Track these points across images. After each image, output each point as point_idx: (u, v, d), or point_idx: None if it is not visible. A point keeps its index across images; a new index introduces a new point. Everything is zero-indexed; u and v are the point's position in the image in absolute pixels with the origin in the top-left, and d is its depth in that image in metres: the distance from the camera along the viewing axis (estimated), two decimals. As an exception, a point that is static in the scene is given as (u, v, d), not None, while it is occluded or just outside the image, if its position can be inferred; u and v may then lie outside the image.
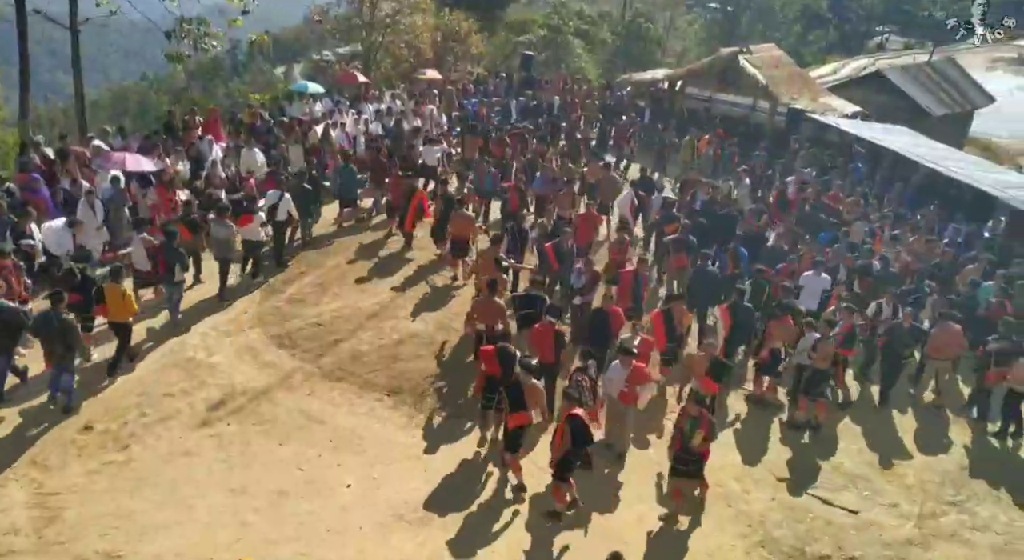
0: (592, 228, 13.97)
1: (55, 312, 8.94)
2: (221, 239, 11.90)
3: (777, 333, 10.86)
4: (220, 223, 11.83)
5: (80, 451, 8.77)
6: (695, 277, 12.20)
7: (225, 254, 12.07)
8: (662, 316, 10.71)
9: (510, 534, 8.20)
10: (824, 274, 12.25)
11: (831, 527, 8.81)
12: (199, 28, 17.04)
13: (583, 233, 13.42)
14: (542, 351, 9.69)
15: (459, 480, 8.96)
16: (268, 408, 9.89)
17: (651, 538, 8.40)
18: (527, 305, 10.64)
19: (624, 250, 12.77)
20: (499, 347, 9.14)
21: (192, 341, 11.12)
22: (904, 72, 29.29)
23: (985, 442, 10.82)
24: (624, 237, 12.97)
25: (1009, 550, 8.77)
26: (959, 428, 11.04)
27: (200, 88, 47.49)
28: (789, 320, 10.97)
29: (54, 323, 8.88)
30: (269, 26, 41.57)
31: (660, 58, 44.88)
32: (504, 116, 22.13)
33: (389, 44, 29.68)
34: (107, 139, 15.40)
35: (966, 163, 19.91)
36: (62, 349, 8.99)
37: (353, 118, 18.82)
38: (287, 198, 12.94)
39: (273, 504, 8.31)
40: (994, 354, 10.76)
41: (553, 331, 9.77)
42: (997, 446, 10.75)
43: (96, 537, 7.62)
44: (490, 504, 8.62)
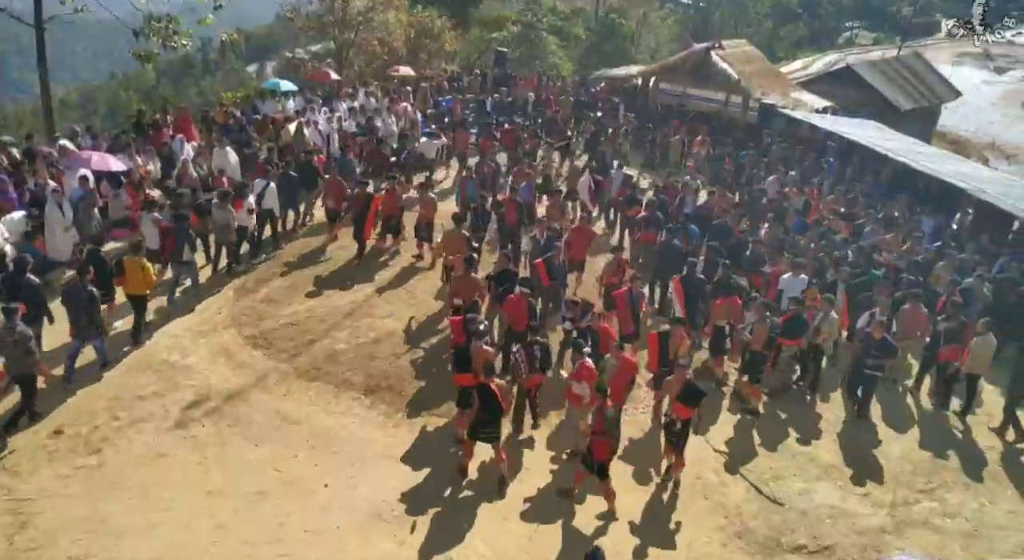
0: (586, 243, 13.07)
1: (82, 284, 9.52)
2: (221, 223, 12.49)
3: (720, 311, 11.25)
4: (222, 207, 12.43)
5: (51, 456, 8.63)
6: (661, 251, 13.16)
7: (226, 237, 12.73)
8: (657, 339, 10.09)
9: (488, 532, 8.20)
10: (803, 275, 12.16)
11: (806, 518, 8.92)
12: (168, 26, 16.78)
13: (577, 248, 12.76)
14: (516, 319, 10.34)
15: (438, 478, 8.95)
16: (244, 409, 9.80)
17: (630, 531, 8.44)
18: (502, 281, 11.22)
19: (620, 272, 11.75)
20: (465, 318, 9.76)
21: (165, 342, 10.99)
22: (873, 67, 29.75)
23: (956, 432, 11.01)
24: (619, 259, 12.03)
25: (978, 536, 8.95)
26: (931, 418, 11.22)
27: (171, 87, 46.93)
28: (735, 299, 11.28)
29: (82, 294, 9.48)
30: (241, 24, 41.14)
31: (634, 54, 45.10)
32: (478, 113, 22.09)
33: (362, 41, 29.51)
34: (75, 139, 15.17)
35: (934, 156, 20.24)
36: (86, 319, 9.57)
37: (327, 116, 18.70)
38: (272, 187, 13.62)
39: (251, 505, 8.24)
40: (943, 333, 11.18)
41: (526, 301, 10.34)
42: (968, 435, 10.95)
43: (69, 543, 7.50)
44: (469, 502, 8.62)
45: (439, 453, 9.40)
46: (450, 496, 8.68)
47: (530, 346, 9.46)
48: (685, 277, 11.56)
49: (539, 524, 8.37)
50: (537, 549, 8.04)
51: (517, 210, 13.50)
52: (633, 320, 10.82)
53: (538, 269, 11.69)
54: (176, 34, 16.94)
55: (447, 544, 7.95)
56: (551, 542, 8.14)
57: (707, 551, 8.32)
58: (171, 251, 11.46)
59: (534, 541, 8.14)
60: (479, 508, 8.53)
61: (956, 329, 11.16)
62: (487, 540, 8.07)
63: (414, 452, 9.39)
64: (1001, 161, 31.79)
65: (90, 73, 64.99)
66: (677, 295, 11.61)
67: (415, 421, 10.00)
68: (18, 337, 8.47)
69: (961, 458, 10.35)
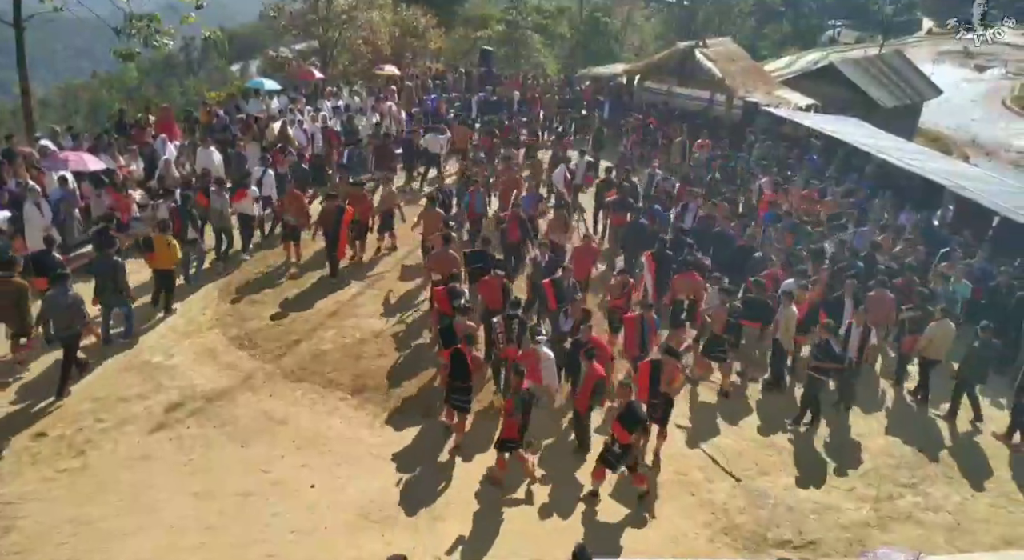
0: (590, 261, 12.77)
1: (106, 255, 10.37)
2: (217, 209, 13.09)
3: (680, 286, 11.94)
4: (219, 194, 13.08)
5: (34, 459, 8.55)
6: (630, 230, 13.94)
7: (221, 223, 13.27)
8: (648, 368, 9.26)
9: (476, 531, 8.20)
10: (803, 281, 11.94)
11: (792, 513, 8.99)
12: (149, 25, 16.62)
13: (580, 267, 12.40)
14: (490, 300, 10.89)
15: (425, 478, 8.94)
16: (229, 410, 9.75)
17: (616, 528, 8.47)
18: (477, 260, 11.77)
19: (627, 294, 11.36)
20: (448, 287, 10.62)
21: (149, 343, 10.92)
22: (856, 65, 29.92)
23: (939, 426, 11.12)
24: (625, 280, 11.41)
25: (961, 529, 9.04)
26: (913, 412, 11.33)
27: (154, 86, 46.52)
28: (695, 275, 11.89)
29: (108, 265, 10.28)
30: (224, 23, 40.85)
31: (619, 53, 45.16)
32: (464, 111, 22.07)
33: (346, 40, 29.40)
34: (56, 139, 15.02)
35: (916, 154, 20.42)
36: (112, 288, 10.31)
37: (311, 115, 18.62)
38: (271, 174, 14.25)
39: (237, 506, 8.20)
40: (908, 322, 11.47)
41: (501, 282, 10.95)
42: (950, 430, 11.06)
43: (54, 546, 7.44)
44: (456, 501, 8.62)
45: (426, 453, 9.39)
46: (437, 495, 8.67)
47: (510, 319, 10.08)
48: (656, 253, 12.34)
49: (525, 522, 8.39)
50: (523, 546, 8.05)
51: (520, 226, 13.05)
52: (641, 347, 10.27)
53: (545, 290, 11.09)
54: (158, 33, 16.77)
55: (435, 544, 7.95)
56: (538, 539, 8.15)
57: (694, 547, 8.36)
58: (176, 232, 11.95)
59: (521, 539, 8.15)
60: (467, 507, 8.53)
61: (920, 319, 11.44)
62: (474, 538, 8.07)
63: (401, 452, 9.37)
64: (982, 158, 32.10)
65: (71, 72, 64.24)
66: (649, 270, 12.30)
67: (402, 421, 9.98)
68: (71, 300, 9.39)
69: (944, 452, 10.45)
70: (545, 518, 8.48)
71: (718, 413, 10.78)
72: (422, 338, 11.69)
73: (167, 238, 11.28)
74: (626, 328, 10.53)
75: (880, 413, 11.20)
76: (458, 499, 8.64)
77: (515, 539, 8.14)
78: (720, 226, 14.04)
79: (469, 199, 14.18)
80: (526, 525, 8.36)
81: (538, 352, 9.43)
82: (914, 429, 10.88)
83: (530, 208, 14.11)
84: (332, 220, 12.73)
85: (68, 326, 9.42)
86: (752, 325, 11.61)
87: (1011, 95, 43.31)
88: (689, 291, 11.94)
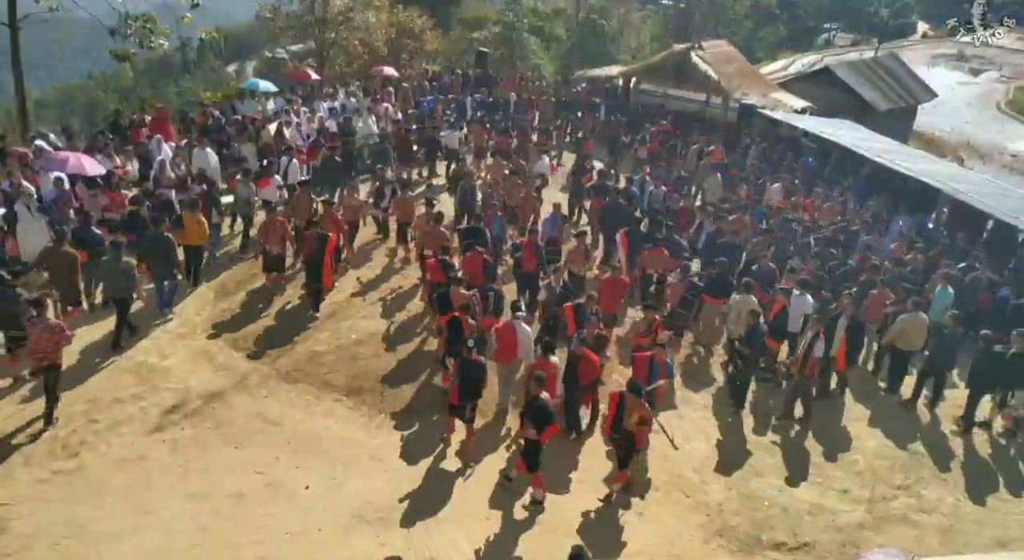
0: (619, 297, 11.82)
1: (159, 231, 11.32)
2: (243, 197, 13.82)
3: (649, 261, 12.82)
4: (245, 183, 13.80)
5: (27, 459, 8.53)
6: (607, 210, 14.57)
7: (246, 211, 13.89)
8: (617, 401, 8.66)
9: (471, 532, 8.20)
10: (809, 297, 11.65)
11: (787, 514, 9.01)
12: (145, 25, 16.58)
13: (608, 300, 11.38)
14: (472, 275, 11.31)
15: (420, 479, 8.93)
16: (224, 411, 9.74)
17: (612, 530, 8.48)
18: (469, 236, 12.31)
19: (651, 333, 10.34)
20: (440, 259, 11.33)
21: (143, 345, 10.89)
22: (851, 68, 30.02)
23: (933, 428, 11.15)
24: (650, 318, 10.58)
25: (955, 530, 9.08)
26: (908, 415, 11.35)
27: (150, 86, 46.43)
28: (663, 251, 12.73)
29: (161, 241, 11.22)
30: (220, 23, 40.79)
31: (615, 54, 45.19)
32: (460, 113, 22.08)
33: (343, 41, 29.38)
34: (51, 139, 14.98)
35: (911, 156, 20.49)
36: (164, 261, 11.31)
37: (307, 116, 18.60)
38: (295, 163, 15.02)
39: (232, 508, 8.19)
40: (891, 317, 11.72)
41: (482, 259, 11.43)
42: (943, 431, 11.09)
43: (46, 548, 7.42)
44: (451, 503, 8.61)
45: (422, 454, 9.39)
46: (433, 497, 8.66)
47: (485, 291, 10.67)
48: (629, 231, 13.21)
49: (521, 524, 8.39)
50: (519, 549, 8.05)
51: (536, 254, 12.06)
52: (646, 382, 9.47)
53: (565, 314, 10.56)
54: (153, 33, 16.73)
55: (430, 545, 7.95)
56: (534, 542, 8.15)
57: (688, 548, 8.38)
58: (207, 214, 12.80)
59: (516, 541, 8.15)
60: (462, 508, 8.53)
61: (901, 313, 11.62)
62: (470, 540, 8.08)
63: (397, 453, 9.37)
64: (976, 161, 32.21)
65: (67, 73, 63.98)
66: (622, 245, 13.17)
67: (397, 422, 9.98)
68: (124, 267, 10.60)
69: (937, 454, 10.48)
70: (541, 520, 8.48)
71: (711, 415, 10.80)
72: (418, 339, 11.68)
73: (196, 216, 12.10)
74: (635, 367, 9.72)
75: (874, 415, 11.22)
76: (453, 501, 8.64)
77: (511, 541, 8.14)
78: (727, 238, 13.64)
79: (486, 223, 13.12)
80: (522, 527, 8.35)
81: (515, 325, 9.81)
82: (908, 431, 10.91)
83: (553, 230, 13.42)
84: (315, 248, 11.82)
85: (121, 289, 10.60)
86: (713, 301, 11.95)
87: (1005, 98, 43.49)
88: (657, 266, 12.82)
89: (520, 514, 8.52)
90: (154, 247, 11.29)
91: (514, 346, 9.75)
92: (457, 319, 9.77)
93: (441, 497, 8.69)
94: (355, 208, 13.92)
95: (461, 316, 9.77)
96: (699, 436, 10.29)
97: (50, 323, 8.93)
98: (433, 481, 8.93)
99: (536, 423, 8.18)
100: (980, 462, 10.48)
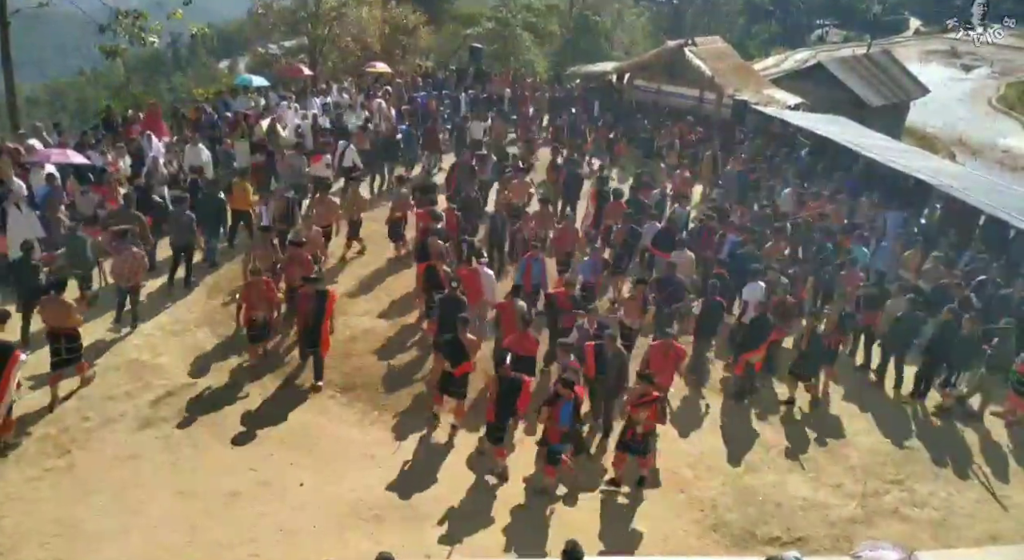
0: (672, 366, 9.83)
1: (214, 192, 12.93)
2: (296, 167, 15.00)
3: (608, 213, 14.30)
4: (297, 156, 15.12)
5: (18, 457, 8.47)
6: (567, 178, 16.02)
7: (297, 180, 14.84)
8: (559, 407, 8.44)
9: (465, 529, 8.19)
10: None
11: (780, 509, 9.02)
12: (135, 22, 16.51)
13: (658, 366, 9.57)
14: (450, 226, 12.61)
15: (414, 476, 8.91)
16: (217, 409, 9.69)
17: (606, 525, 8.49)
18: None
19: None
20: (429, 210, 12.64)
21: (135, 341, 10.84)
22: (844, 64, 30.11)
23: (925, 422, 11.20)
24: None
25: (947, 525, 9.11)
26: (899, 409, 11.39)
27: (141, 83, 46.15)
28: (622, 204, 14.20)
29: (216, 202, 12.86)
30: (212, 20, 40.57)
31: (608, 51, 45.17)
32: (454, 109, 22.04)
33: (336, 37, 29.28)
34: (42, 135, 14.90)
35: (903, 152, 20.53)
36: (214, 219, 12.88)
37: (301, 113, 18.53)
38: (352, 148, 15.77)
39: (224, 506, 8.16)
40: (863, 299, 11.95)
41: (456, 215, 12.88)
42: (935, 426, 11.13)
43: (37, 547, 7.38)
44: (446, 499, 8.60)
45: (416, 451, 9.38)
46: (427, 493, 8.66)
47: (459, 243, 12.03)
48: (597, 192, 15.01)
49: (516, 519, 8.39)
50: (515, 544, 8.05)
51: (571, 301, 10.71)
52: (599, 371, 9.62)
53: (586, 354, 9.52)
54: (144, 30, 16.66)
55: (424, 542, 7.94)
56: (528, 537, 8.16)
57: (684, 544, 8.38)
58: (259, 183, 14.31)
59: (511, 537, 8.15)
60: (457, 504, 8.53)
61: (875, 295, 11.97)
62: (465, 537, 8.06)
63: (391, 450, 9.35)
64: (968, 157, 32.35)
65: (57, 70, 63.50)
66: (591, 201, 15.03)
67: (392, 419, 9.95)
68: (186, 219, 12.03)
69: (929, 448, 10.51)
70: (535, 516, 8.48)
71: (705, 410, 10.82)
72: (412, 336, 11.66)
73: (244, 183, 13.48)
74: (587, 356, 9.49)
75: (866, 410, 11.25)
76: (448, 498, 8.63)
77: (505, 537, 8.14)
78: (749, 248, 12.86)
79: (525, 267, 11.65)
80: (516, 523, 8.35)
81: (480, 270, 11.03)
82: (901, 426, 10.94)
83: (591, 277, 11.88)
84: (312, 309, 9.90)
85: (185, 238, 12.09)
86: (661, 254, 12.87)
87: (997, 94, 43.69)
88: (615, 218, 13.96)
89: (514, 511, 8.51)
90: (209, 207, 12.66)
91: (479, 290, 10.82)
92: (433, 268, 11.00)
93: (436, 494, 8.67)
94: (330, 212, 13.10)
95: (437, 265, 10.98)
96: (693, 432, 10.30)
97: (133, 251, 10.73)
98: (427, 478, 8.91)
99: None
100: (972, 457, 10.51)
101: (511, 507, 8.57)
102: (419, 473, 8.98)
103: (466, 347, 9.23)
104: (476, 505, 8.57)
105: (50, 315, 9.30)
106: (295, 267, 11.00)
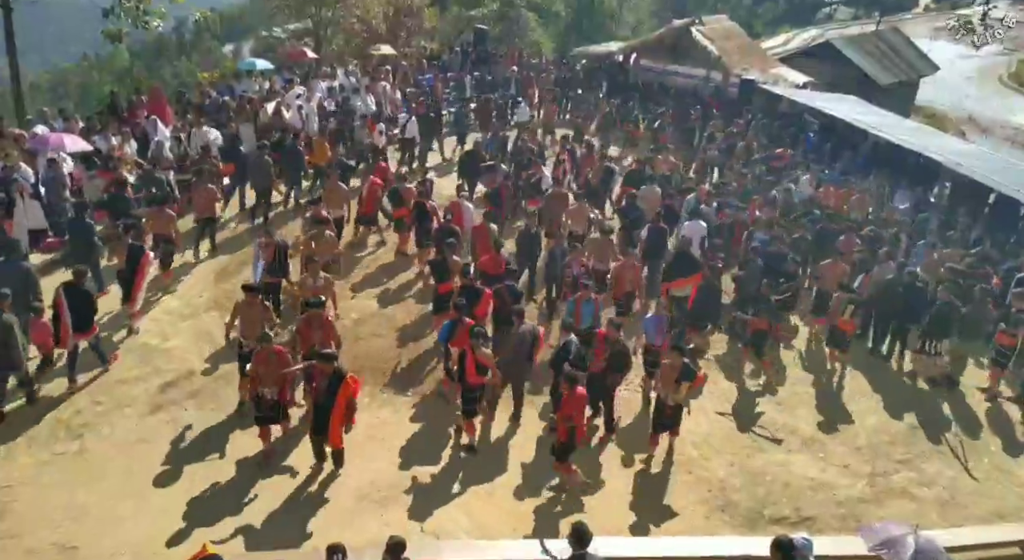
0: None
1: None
2: (362, 140, 16.47)
3: (585, 165, 15.44)
4: (361, 128, 16.59)
5: (30, 442, 8.55)
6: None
7: (363, 146, 16.44)
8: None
9: (475, 510, 8.24)
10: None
11: (788, 489, 9.03)
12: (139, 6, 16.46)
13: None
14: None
15: (422, 458, 8.94)
16: (227, 392, 9.74)
17: (613, 506, 8.51)
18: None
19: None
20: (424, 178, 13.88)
21: (146, 326, 10.89)
22: (852, 42, 29.80)
23: (933, 402, 11.16)
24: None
25: (953, 503, 9.11)
26: (906, 388, 11.36)
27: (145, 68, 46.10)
28: (594, 158, 15.54)
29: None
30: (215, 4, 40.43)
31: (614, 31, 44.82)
32: (459, 91, 21.91)
33: (340, 20, 29.14)
34: (48, 121, 14.92)
35: (912, 131, 20.34)
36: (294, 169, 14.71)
37: (306, 96, 18.44)
38: (414, 120, 16.88)
39: (234, 489, 8.20)
40: (857, 263, 12.26)
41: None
42: (943, 405, 11.10)
43: (49, 530, 7.45)
44: (454, 480, 8.64)
45: (424, 432, 9.41)
46: (436, 475, 8.70)
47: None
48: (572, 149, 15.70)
49: (525, 500, 8.42)
50: (523, 525, 8.09)
51: (612, 358, 9.22)
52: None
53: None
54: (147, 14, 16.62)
55: (433, 523, 7.97)
56: (537, 518, 8.19)
57: (691, 524, 8.41)
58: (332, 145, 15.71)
59: (520, 518, 8.18)
60: (466, 486, 8.56)
61: (866, 261, 12.32)
62: (473, 517, 8.11)
63: (399, 432, 9.39)
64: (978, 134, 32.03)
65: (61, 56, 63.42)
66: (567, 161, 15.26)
67: (399, 401, 9.99)
68: (265, 164, 13.77)
69: (936, 428, 10.49)
70: (543, 498, 8.51)
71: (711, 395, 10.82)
72: (418, 318, 11.67)
73: (323, 141, 15.39)
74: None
75: (874, 389, 11.22)
76: (456, 479, 8.66)
77: (514, 519, 8.18)
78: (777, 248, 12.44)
79: (574, 307, 10.25)
80: (524, 505, 8.38)
81: (461, 203, 12.46)
82: (908, 405, 10.92)
83: (657, 336, 10.04)
84: (325, 389, 7.98)
85: (264, 181, 13.81)
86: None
87: (1007, 71, 43.16)
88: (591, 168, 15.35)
89: (522, 492, 8.54)
90: (291, 158, 14.43)
91: (461, 220, 12.10)
92: (422, 206, 12.25)
93: (444, 475, 8.71)
94: (343, 197, 13.01)
95: (430, 207, 12.29)
96: (699, 412, 10.30)
97: (208, 186, 12.53)
98: (435, 459, 8.95)
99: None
100: (979, 436, 10.49)
101: (519, 489, 8.60)
102: (427, 454, 9.01)
103: (451, 267, 10.65)
104: (484, 487, 8.59)
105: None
106: (312, 330, 9.00)
